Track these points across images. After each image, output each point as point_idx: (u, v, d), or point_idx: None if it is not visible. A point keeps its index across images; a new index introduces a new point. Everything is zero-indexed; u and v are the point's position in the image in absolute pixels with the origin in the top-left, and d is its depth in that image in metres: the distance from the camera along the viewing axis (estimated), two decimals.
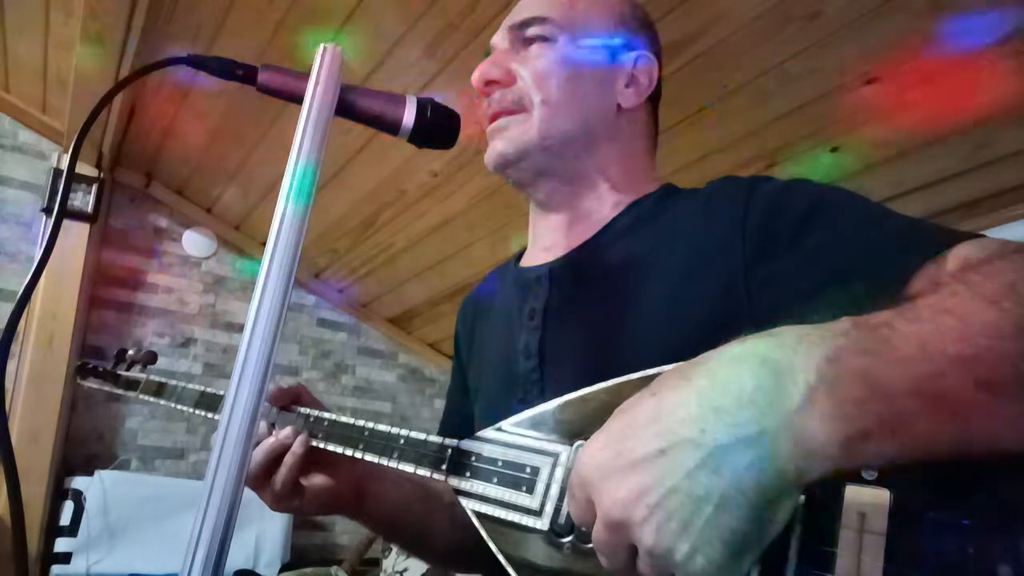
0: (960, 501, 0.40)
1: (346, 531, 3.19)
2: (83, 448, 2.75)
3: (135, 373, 1.13)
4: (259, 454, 0.76)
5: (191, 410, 0.95)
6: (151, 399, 1.05)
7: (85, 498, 2.56)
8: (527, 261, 0.85)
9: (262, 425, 0.79)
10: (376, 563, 2.87)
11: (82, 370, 1.24)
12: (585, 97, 0.78)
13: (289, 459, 0.76)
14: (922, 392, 0.38)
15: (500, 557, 0.58)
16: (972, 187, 1.81)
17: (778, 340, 0.42)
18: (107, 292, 2.89)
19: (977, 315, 0.40)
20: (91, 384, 1.21)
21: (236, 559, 2.68)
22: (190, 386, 0.99)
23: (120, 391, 1.13)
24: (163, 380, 1.05)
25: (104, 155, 2.63)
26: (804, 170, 1.85)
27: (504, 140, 0.78)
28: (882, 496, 0.41)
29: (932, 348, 0.39)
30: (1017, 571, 0.37)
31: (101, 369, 1.19)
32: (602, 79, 0.80)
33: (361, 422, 0.75)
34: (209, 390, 0.94)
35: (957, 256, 0.51)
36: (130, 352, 1.17)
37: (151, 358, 1.14)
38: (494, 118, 0.79)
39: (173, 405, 0.99)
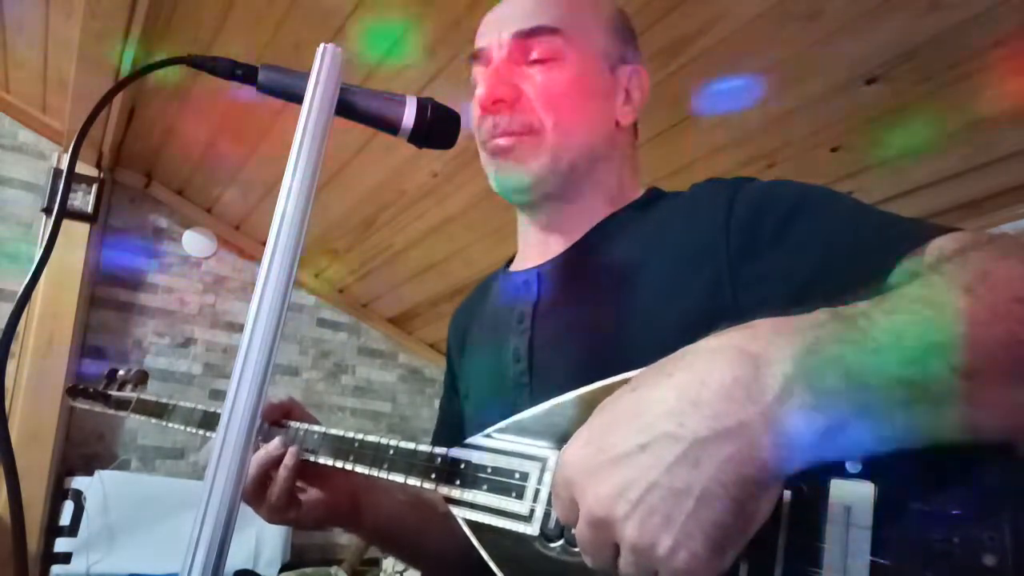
0: (944, 491, 0.40)
1: None
2: (83, 448, 2.75)
3: (126, 393, 1.13)
4: (252, 468, 0.76)
5: (183, 427, 0.95)
6: (142, 418, 1.05)
7: (85, 498, 2.56)
8: (517, 266, 0.85)
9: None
10: (376, 563, 2.87)
11: (72, 391, 1.23)
12: (592, 117, 0.78)
13: (282, 472, 0.76)
14: (899, 381, 0.38)
15: (492, 564, 0.58)
16: (972, 187, 1.81)
17: (755, 332, 0.42)
18: (107, 292, 2.89)
19: (952, 304, 0.40)
20: (81, 405, 1.21)
21: (236, 559, 2.68)
22: (181, 403, 0.99)
23: (111, 411, 1.13)
24: (154, 399, 1.05)
25: (104, 155, 2.63)
26: (804, 170, 1.86)
27: (516, 165, 0.75)
28: (866, 489, 0.42)
29: (909, 337, 0.39)
30: (1002, 558, 0.37)
31: (91, 390, 1.19)
32: (604, 97, 0.79)
33: (351, 434, 0.75)
34: (200, 407, 0.94)
35: (934, 248, 0.51)
36: (120, 372, 1.17)
37: (142, 378, 1.14)
38: (499, 136, 0.76)
39: (165, 423, 0.98)
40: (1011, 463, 0.39)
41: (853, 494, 0.42)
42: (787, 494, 0.44)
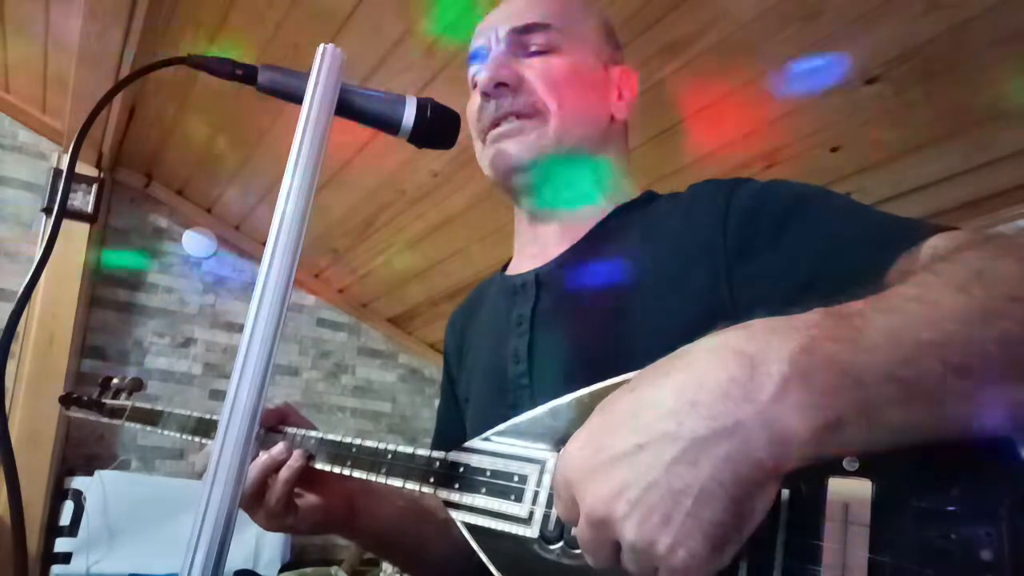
0: (941, 488, 0.41)
1: None
2: (83, 448, 2.75)
3: (120, 401, 1.12)
4: (252, 472, 0.75)
5: (177, 435, 0.94)
6: (137, 426, 1.04)
7: (85, 498, 2.56)
8: (514, 269, 0.85)
9: None
10: (376, 563, 2.87)
11: (65, 399, 1.23)
12: (591, 107, 0.79)
13: (285, 473, 0.75)
14: (895, 379, 0.39)
15: (491, 567, 0.58)
16: (972, 187, 1.81)
17: (750, 332, 0.42)
18: (107, 292, 2.89)
19: (946, 302, 0.41)
20: (75, 414, 1.20)
21: (236, 559, 2.68)
22: (176, 411, 0.98)
23: (105, 419, 1.12)
24: (148, 407, 1.05)
25: (104, 155, 2.63)
26: (804, 170, 1.86)
27: (519, 144, 0.76)
28: (864, 487, 0.42)
29: (903, 335, 0.40)
30: (999, 554, 0.38)
31: (85, 398, 1.19)
32: (601, 90, 0.81)
33: (348, 439, 0.74)
34: (195, 414, 0.93)
35: (929, 247, 0.52)
36: (115, 380, 1.16)
37: (137, 385, 1.13)
38: (500, 120, 0.77)
39: (160, 431, 0.98)
40: (1007, 460, 0.40)
41: (851, 491, 0.42)
42: (785, 492, 0.44)
